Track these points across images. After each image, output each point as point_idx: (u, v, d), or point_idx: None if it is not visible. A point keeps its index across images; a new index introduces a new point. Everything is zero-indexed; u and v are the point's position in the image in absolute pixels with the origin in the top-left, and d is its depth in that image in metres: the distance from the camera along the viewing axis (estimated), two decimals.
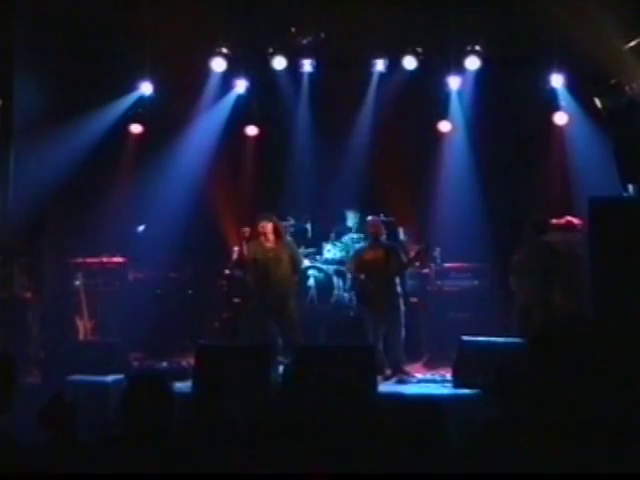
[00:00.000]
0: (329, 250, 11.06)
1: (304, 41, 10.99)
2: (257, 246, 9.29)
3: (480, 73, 10.92)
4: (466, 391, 7.85)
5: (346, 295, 10.79)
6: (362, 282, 9.31)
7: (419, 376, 9.09)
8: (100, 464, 3.66)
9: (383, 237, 9.49)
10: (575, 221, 10.18)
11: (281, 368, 8.43)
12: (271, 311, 9.27)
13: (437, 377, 8.98)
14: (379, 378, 8.38)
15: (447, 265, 10.72)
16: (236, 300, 10.86)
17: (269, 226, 9.28)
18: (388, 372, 9.08)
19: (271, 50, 11.04)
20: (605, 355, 2.71)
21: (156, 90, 11.24)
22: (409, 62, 10.93)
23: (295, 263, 9.49)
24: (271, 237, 9.27)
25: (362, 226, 11.32)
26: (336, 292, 10.73)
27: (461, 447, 4.13)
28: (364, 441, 3.96)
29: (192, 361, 8.57)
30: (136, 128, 11.38)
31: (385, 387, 8.37)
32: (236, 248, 10.84)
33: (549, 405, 2.63)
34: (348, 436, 4.18)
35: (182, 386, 7.94)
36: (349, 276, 10.01)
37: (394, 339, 9.15)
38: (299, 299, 9.93)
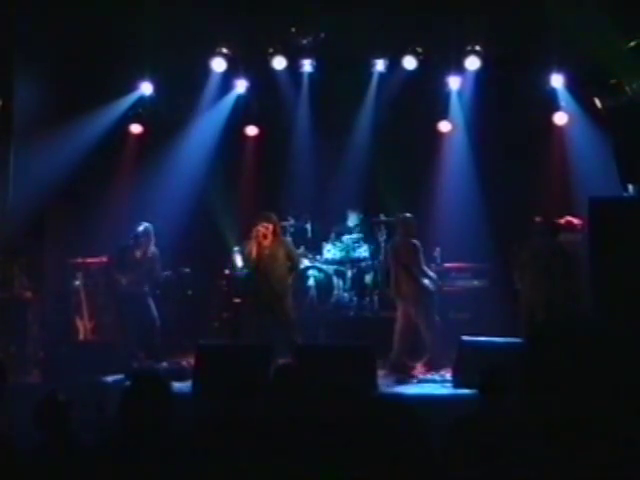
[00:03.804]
0: (329, 250, 11.06)
1: (304, 41, 10.99)
2: (254, 245, 9.30)
3: (480, 73, 10.91)
4: (466, 391, 7.84)
5: (346, 295, 10.79)
6: (400, 277, 9.28)
7: (419, 376, 9.08)
8: (100, 464, 3.66)
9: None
10: (575, 221, 10.18)
11: None
12: (268, 309, 9.27)
13: (437, 377, 8.98)
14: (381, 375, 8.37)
15: (447, 265, 10.72)
16: (236, 300, 10.87)
17: (269, 226, 9.29)
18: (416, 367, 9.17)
19: (271, 50, 11.03)
20: (605, 355, 2.72)
21: (156, 90, 11.23)
22: (409, 62, 10.92)
23: (292, 262, 9.47)
24: (269, 236, 9.27)
25: (362, 226, 11.34)
26: (336, 292, 10.74)
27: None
28: (363, 441, 3.96)
29: (192, 361, 8.57)
30: (136, 128, 11.38)
31: (385, 387, 8.37)
32: (236, 248, 10.88)
33: (545, 404, 2.64)
34: (347, 436, 4.18)
35: (182, 386, 7.94)
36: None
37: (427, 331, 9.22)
38: (297, 298, 9.92)
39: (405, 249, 9.27)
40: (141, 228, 9.70)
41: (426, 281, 9.22)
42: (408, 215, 9.51)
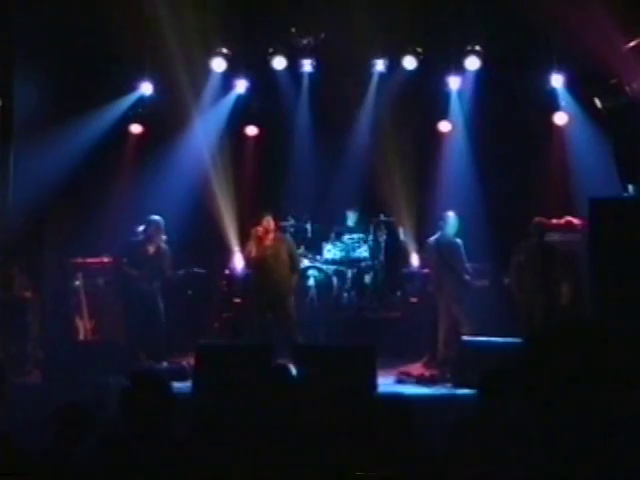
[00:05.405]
0: (329, 250, 11.06)
1: (304, 41, 10.98)
2: (256, 244, 9.32)
3: (480, 73, 10.91)
4: (466, 391, 7.85)
5: (346, 295, 10.79)
6: (443, 273, 9.51)
7: (419, 376, 9.07)
8: (100, 464, 3.66)
9: None
10: (575, 221, 10.19)
11: None
12: (270, 309, 9.28)
13: (437, 377, 8.98)
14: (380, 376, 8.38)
15: None
16: (236, 300, 10.88)
17: (269, 225, 9.31)
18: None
19: (271, 50, 11.03)
20: (605, 355, 2.71)
21: (156, 90, 11.23)
22: (409, 62, 10.92)
23: (294, 262, 9.50)
24: (270, 236, 9.29)
25: (362, 226, 11.35)
26: (336, 292, 10.74)
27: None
28: (363, 441, 3.97)
29: (192, 361, 8.57)
30: (136, 128, 11.37)
31: (385, 387, 8.37)
32: (236, 248, 10.89)
33: (545, 405, 2.64)
34: (347, 436, 4.18)
35: (182, 386, 7.95)
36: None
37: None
38: (297, 298, 9.93)
39: (449, 247, 9.52)
40: (151, 223, 9.71)
41: (467, 277, 9.51)
42: (451, 213, 9.61)
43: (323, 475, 3.97)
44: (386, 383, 8.60)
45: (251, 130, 11.91)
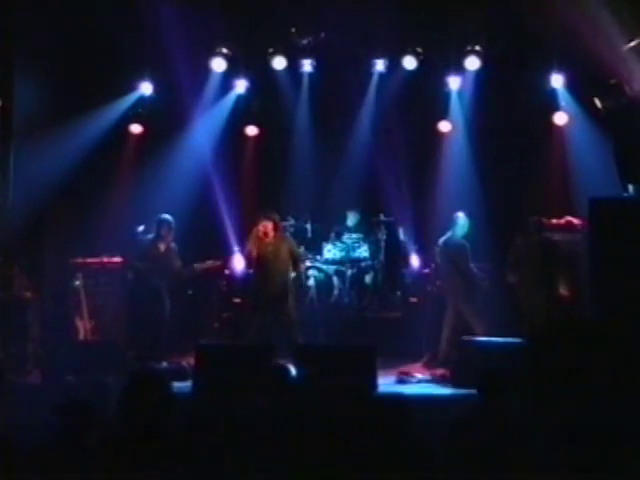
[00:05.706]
0: (329, 250, 11.07)
1: (304, 41, 10.98)
2: (256, 243, 9.33)
3: (480, 73, 10.91)
4: (466, 391, 7.85)
5: (346, 295, 10.79)
6: (450, 273, 9.64)
7: (419, 376, 9.08)
8: (100, 464, 3.66)
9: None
10: (575, 221, 10.20)
11: None
12: (270, 309, 9.28)
13: (437, 377, 8.99)
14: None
15: None
16: (236, 300, 10.88)
17: (269, 224, 9.32)
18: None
19: (271, 50, 11.03)
20: (604, 355, 2.72)
21: (156, 90, 11.24)
22: (409, 62, 10.92)
23: (295, 259, 9.51)
24: (271, 234, 9.31)
25: (362, 226, 11.36)
26: (336, 292, 10.74)
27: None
28: (363, 441, 3.97)
29: (192, 361, 8.57)
30: (136, 128, 11.38)
31: (385, 387, 8.37)
32: (236, 248, 10.90)
33: (545, 405, 2.64)
34: (347, 436, 4.18)
35: (182, 386, 7.95)
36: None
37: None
38: (297, 298, 9.93)
39: (456, 248, 9.61)
40: (163, 222, 9.70)
41: (476, 278, 9.60)
42: (460, 214, 9.67)
43: (323, 475, 3.97)
44: (386, 383, 8.60)
45: (251, 130, 11.91)
